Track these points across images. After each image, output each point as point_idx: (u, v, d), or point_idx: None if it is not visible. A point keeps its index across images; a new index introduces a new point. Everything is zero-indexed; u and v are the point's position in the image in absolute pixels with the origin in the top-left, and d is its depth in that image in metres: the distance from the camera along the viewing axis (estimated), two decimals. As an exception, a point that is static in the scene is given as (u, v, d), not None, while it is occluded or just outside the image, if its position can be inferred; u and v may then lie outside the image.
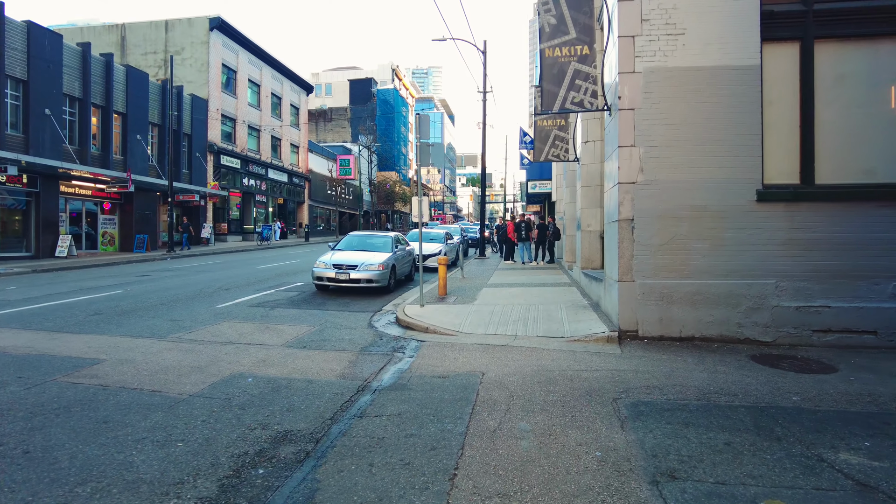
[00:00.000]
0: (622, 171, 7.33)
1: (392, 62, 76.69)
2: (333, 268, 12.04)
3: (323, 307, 10.63)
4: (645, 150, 7.28)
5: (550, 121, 12.44)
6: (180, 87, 31.74)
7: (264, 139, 41.36)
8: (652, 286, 7.26)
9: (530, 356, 6.67)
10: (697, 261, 7.19)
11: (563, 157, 12.50)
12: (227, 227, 36.87)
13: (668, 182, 7.25)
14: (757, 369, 6.02)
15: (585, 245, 12.02)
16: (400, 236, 14.80)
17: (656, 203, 7.26)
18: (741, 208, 7.11)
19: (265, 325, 8.81)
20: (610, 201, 8.01)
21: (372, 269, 11.96)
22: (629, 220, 7.33)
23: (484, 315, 9.01)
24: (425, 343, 7.53)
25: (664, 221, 7.25)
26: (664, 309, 7.24)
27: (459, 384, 5.62)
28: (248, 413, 4.88)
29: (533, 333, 7.71)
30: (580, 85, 7.96)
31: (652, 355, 6.61)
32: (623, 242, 7.34)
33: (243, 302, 11.08)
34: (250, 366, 6.42)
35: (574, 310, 9.31)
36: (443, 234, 19.82)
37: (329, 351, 7.20)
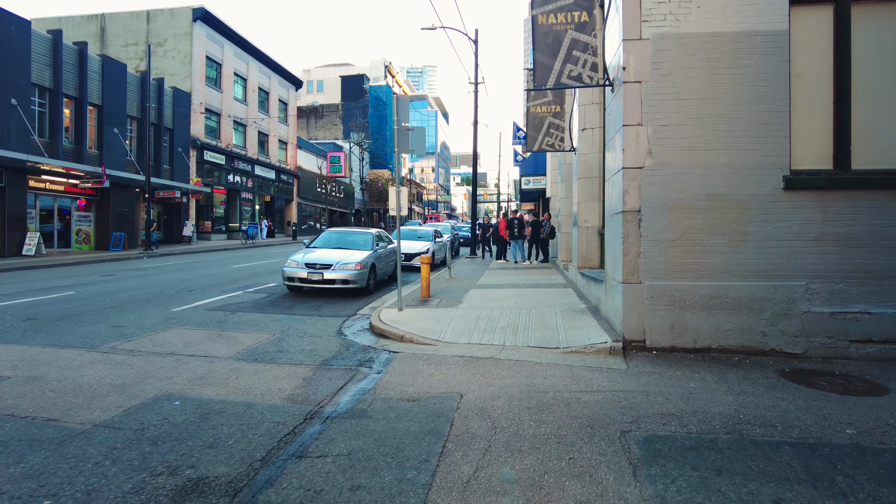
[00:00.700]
0: (627, 154, 6.29)
1: (385, 59, 75.54)
2: (305, 267, 10.96)
3: (290, 311, 9.55)
4: (654, 129, 6.25)
5: (544, 107, 11.41)
6: (161, 79, 30.51)
7: (251, 135, 40.14)
8: (662, 288, 6.23)
9: (519, 372, 5.62)
10: (715, 259, 6.16)
11: (558, 147, 11.48)
12: (210, 224, 35.63)
13: (680, 167, 6.22)
14: (791, 389, 4.99)
15: (583, 242, 10.99)
16: (382, 233, 13.72)
17: (667, 191, 6.23)
18: (766, 197, 6.08)
19: (219, 333, 7.73)
20: (613, 190, 6.97)
21: (348, 268, 10.88)
22: (635, 212, 6.29)
23: (469, 321, 7.96)
24: (398, 355, 6.47)
25: (676, 213, 6.22)
26: (676, 315, 6.21)
27: (431, 410, 4.57)
28: (160, 451, 3.82)
29: (523, 343, 6.67)
30: (578, 56, 6.92)
31: (663, 371, 5.58)
32: (628, 238, 6.30)
33: (203, 305, 9.98)
34: (184, 384, 5.34)
35: (571, 314, 8.27)
36: (431, 232, 18.76)
37: (283, 365, 6.13)
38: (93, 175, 23.79)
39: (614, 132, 6.86)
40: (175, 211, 32.37)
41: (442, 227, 24.62)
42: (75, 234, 25.23)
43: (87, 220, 25.96)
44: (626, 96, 6.30)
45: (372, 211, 64.31)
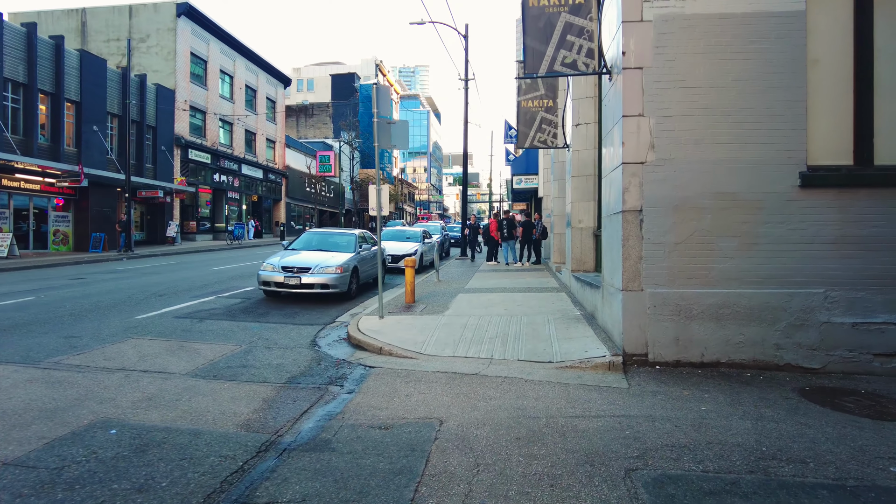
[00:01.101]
0: (627, 147, 5.69)
1: (376, 57, 74.75)
2: (282, 271, 10.29)
3: (263, 319, 8.88)
4: (657, 121, 5.66)
5: (536, 101, 10.81)
6: (143, 75, 29.69)
7: (237, 133, 39.30)
8: (666, 297, 5.63)
9: (508, 391, 5.00)
10: (724, 264, 5.58)
11: (550, 143, 10.89)
12: (195, 225, 34.78)
13: (686, 162, 5.63)
14: (816, 413, 4.40)
15: (577, 244, 10.40)
16: (367, 234, 13.07)
17: (671, 189, 5.64)
18: (780, 196, 5.51)
19: (180, 344, 7.06)
20: (610, 188, 6.37)
21: (328, 271, 10.22)
22: (636, 212, 5.69)
23: (455, 330, 7.34)
24: (374, 371, 5.83)
25: (682, 213, 5.63)
26: (682, 326, 5.61)
27: (405, 441, 3.94)
28: (74, 498, 3.17)
29: (513, 356, 6.05)
30: (573, 42, 6.31)
31: (669, 390, 4.98)
32: (629, 240, 5.70)
33: (171, 312, 9.29)
34: (127, 408, 4.68)
35: (565, 323, 7.67)
36: (419, 233, 18.10)
37: (244, 383, 5.48)
38: (70, 174, 22.97)
39: (612, 124, 6.26)
40: (158, 211, 31.50)
41: (431, 228, 24.00)
42: (52, 235, 24.36)
43: (65, 221, 25.09)
44: (626, 84, 5.70)
45: (363, 211, 63.52)
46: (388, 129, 8.02)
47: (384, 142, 8.00)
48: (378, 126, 7.91)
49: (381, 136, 7.98)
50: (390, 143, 8.01)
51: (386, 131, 8.00)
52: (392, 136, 8.03)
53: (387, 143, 8.00)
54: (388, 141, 8.02)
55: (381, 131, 7.97)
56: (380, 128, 7.95)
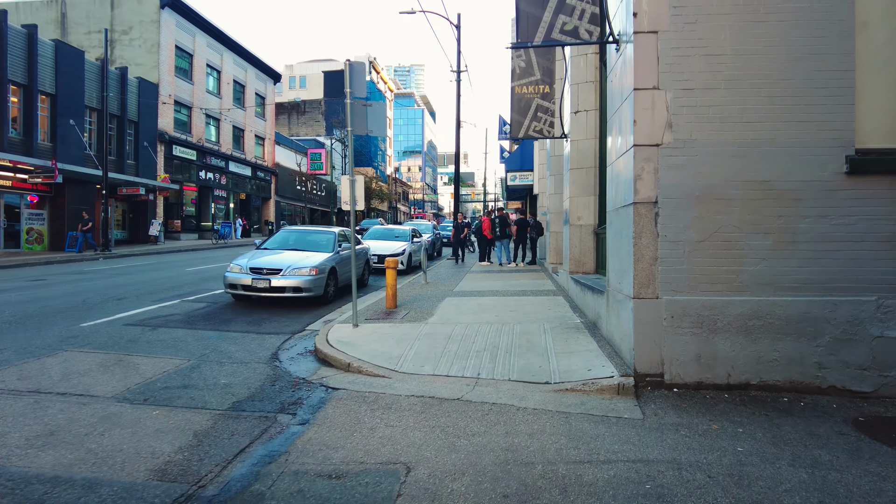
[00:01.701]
0: (640, 127, 4.76)
1: (369, 54, 73.70)
2: (250, 272, 9.30)
3: (224, 326, 7.91)
4: (674, 95, 4.73)
5: (531, 87, 9.89)
6: (124, 68, 28.59)
7: (225, 129, 38.21)
8: (686, 306, 4.71)
9: (496, 424, 4.06)
10: (755, 266, 4.66)
11: (547, 133, 9.97)
12: (180, 223, 33.67)
13: (709, 144, 4.71)
14: (886, 457, 3.48)
15: (575, 243, 9.48)
16: (349, 232, 12.10)
17: (692, 177, 4.71)
18: (823, 185, 4.60)
19: (119, 358, 6.08)
20: (619, 177, 5.43)
21: (301, 273, 9.25)
22: (650, 203, 4.76)
23: (438, 341, 6.40)
24: (337, 394, 4.88)
25: (705, 205, 4.70)
26: (704, 341, 4.69)
27: (358, 499, 3.00)
28: None
29: (503, 375, 5.11)
30: (573, 5, 5.38)
31: (694, 422, 4.05)
32: (641, 238, 4.77)
33: (125, 318, 8.30)
34: (16, 447, 3.73)
35: (563, 332, 6.74)
36: (408, 231, 17.15)
37: (179, 409, 4.52)
38: (44, 169, 21.85)
39: (620, 101, 5.33)
40: (141, 209, 30.39)
41: (422, 226, 23.06)
42: (25, 234, 23.25)
43: (39, 219, 23.98)
44: (639, 52, 4.78)
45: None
46: (364, 111, 7.07)
47: (359, 126, 7.05)
48: (351, 108, 6.96)
49: (356, 120, 7.04)
50: (366, 128, 7.06)
51: (361, 114, 7.05)
52: (368, 119, 7.08)
53: (362, 127, 7.06)
54: (364, 125, 7.07)
55: (356, 114, 7.02)
56: (353, 110, 7.00)
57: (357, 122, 7.03)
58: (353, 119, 7.00)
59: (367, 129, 7.05)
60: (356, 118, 7.03)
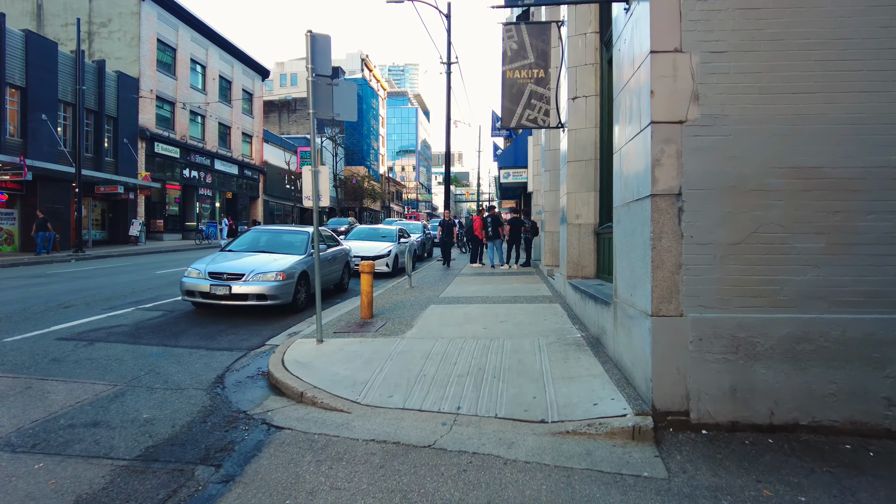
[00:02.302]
0: (659, 99, 3.78)
1: (361, 51, 72.67)
2: (209, 277, 8.28)
3: (173, 340, 6.89)
4: (701, 59, 3.76)
5: (524, 71, 8.91)
6: (101, 61, 27.43)
7: (210, 126, 37.05)
8: (717, 325, 3.74)
9: (476, 487, 3.07)
10: (804, 275, 3.70)
11: (541, 122, 9.01)
12: (163, 223, 32.52)
13: (746, 121, 3.74)
14: None
15: (573, 244, 8.51)
16: (325, 232, 11.09)
17: (724, 162, 3.75)
18: (891, 172, 3.64)
19: (28, 384, 5.06)
20: (630, 164, 4.45)
21: (266, 278, 8.23)
22: (672, 196, 3.79)
23: (413, 361, 5.41)
24: (279, 436, 3.88)
25: (740, 198, 3.74)
26: (740, 370, 3.72)
27: None
28: None
29: (489, 410, 4.13)
30: (574, -45, 4.39)
31: (736, 484, 3.07)
32: (661, 239, 3.80)
33: (61, 330, 7.26)
34: None
35: (561, 350, 5.76)
36: (394, 231, 16.13)
37: (72, 459, 3.51)
38: (13, 166, 20.69)
39: (632, 71, 4.35)
40: (121, 208, 29.23)
41: (411, 226, 22.05)
42: (-6, 234, 22.12)
43: (9, 218, 22.83)
44: (656, 5, 3.80)
45: (347, 209, 61.41)
46: (329, 91, 6.07)
47: (323, 108, 6.05)
48: (314, 87, 5.95)
49: (320, 101, 6.03)
50: (332, 110, 6.06)
51: (325, 95, 6.04)
52: (334, 101, 6.08)
53: (327, 109, 6.05)
54: (330, 107, 6.06)
55: (319, 94, 6.02)
56: (316, 89, 5.99)
57: (321, 104, 6.02)
58: (316, 100, 5.99)
59: (332, 111, 6.04)
60: (320, 99, 6.02)
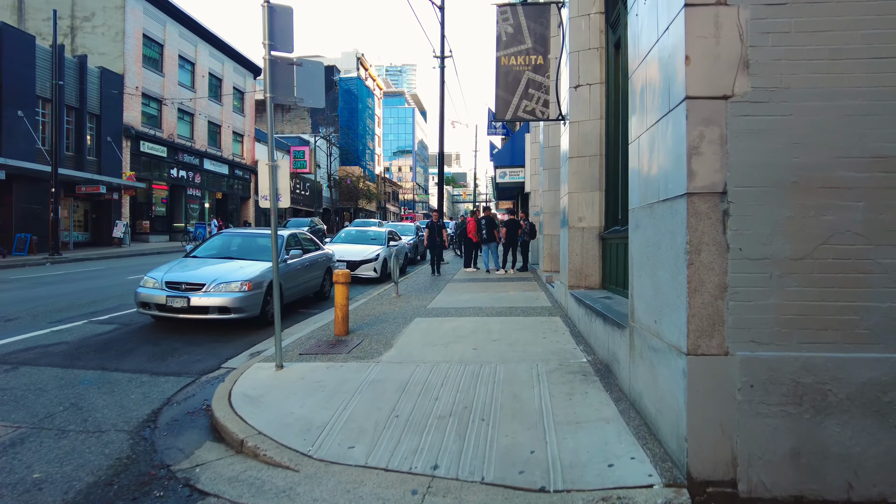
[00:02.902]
0: (696, 67, 2.87)
1: (357, 50, 71.65)
2: (166, 287, 7.34)
3: (116, 362, 5.94)
4: (753, 13, 2.85)
5: (520, 57, 8.00)
6: (83, 56, 26.46)
7: (199, 125, 36.03)
8: (775, 367, 2.82)
9: None
10: (893, 301, 2.78)
11: (540, 114, 8.10)
12: (149, 225, 31.51)
13: (814, 96, 2.83)
14: None
15: (576, 250, 7.59)
16: (302, 235, 10.14)
17: (785, 150, 2.83)
18: None
19: None
20: (653, 154, 3.52)
21: (230, 289, 7.29)
22: (715, 196, 2.87)
23: (386, 396, 4.48)
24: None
25: (805, 197, 2.82)
26: (807, 427, 2.81)
27: None
28: None
29: (473, 472, 3.20)
30: None
31: None
32: (700, 252, 2.88)
33: (-13, 351, 6.33)
34: None
35: (565, 381, 4.84)
36: (384, 234, 15.19)
37: None
38: (-15, 165, 19.78)
39: (656, 35, 3.42)
40: (105, 209, 28.25)
41: (403, 228, 21.12)
42: (-33, 236, 21.11)
43: (-17, 219, 21.85)
44: (692, -55, 2.89)
45: (342, 210, 60.49)
46: (291, 72, 5.14)
47: (283, 90, 5.13)
48: (271, 67, 5.02)
49: (279, 84, 5.11)
50: (293, 94, 5.13)
51: (286, 76, 5.12)
52: (297, 84, 5.15)
53: (288, 93, 5.13)
54: (291, 91, 5.14)
55: (279, 75, 5.09)
56: (275, 69, 5.06)
57: (281, 87, 5.10)
58: (275, 82, 5.07)
59: (293, 95, 5.11)
60: (279, 81, 5.09)
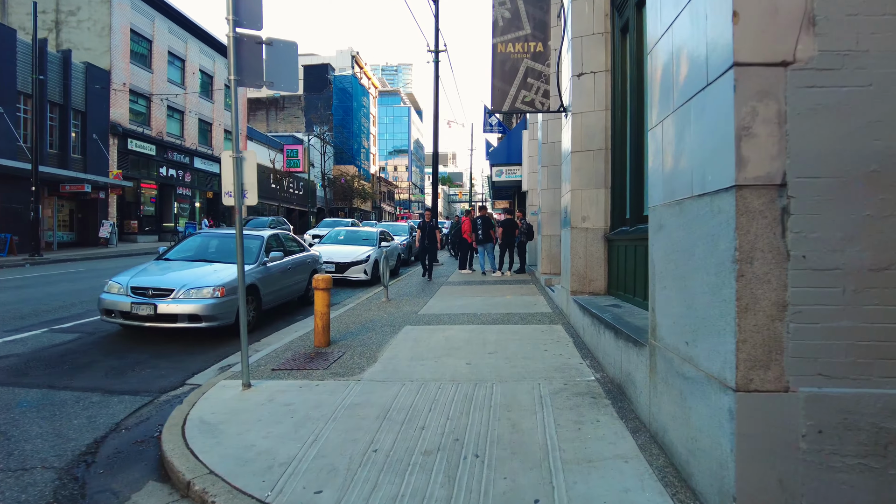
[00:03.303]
0: (746, 26, 2.26)
1: (352, 48, 70.97)
2: (131, 293, 6.69)
3: (66, 379, 5.29)
4: (821, -43, 2.24)
5: (518, 44, 7.38)
6: (67, 51, 25.70)
7: (190, 123, 35.29)
8: (850, 408, 2.21)
9: None
10: None
11: (540, 105, 7.48)
12: (137, 224, 30.75)
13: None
14: None
15: (579, 253, 6.99)
16: (284, 235, 9.49)
17: (862, 132, 2.22)
18: None
19: None
20: (684, 140, 2.90)
21: (201, 295, 6.65)
22: (771, 189, 2.26)
23: (364, 424, 3.86)
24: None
25: (888, 191, 2.22)
26: (893, 485, 2.20)
27: None
28: None
29: (464, 527, 2.59)
30: None
31: None
32: (752, 261, 2.27)
33: (-75, 365, 5.66)
34: None
35: (573, 406, 4.23)
36: (375, 234, 14.55)
37: None
38: (-39, 163, 19.06)
39: None
40: (90, 208, 27.48)
41: (396, 228, 20.49)
42: (-57, 236, 20.37)
43: (-39, 219, 21.10)
44: None
45: (336, 209, 59.75)
46: (260, 53, 4.52)
47: (251, 75, 4.50)
48: (236, 45, 4.39)
49: (245, 66, 4.48)
50: (262, 79, 4.51)
51: (254, 57, 4.49)
52: (266, 66, 4.53)
53: (256, 76, 4.50)
54: (260, 74, 4.52)
55: (246, 56, 4.47)
56: (242, 49, 4.44)
57: (247, 69, 4.47)
58: (240, 63, 4.44)
59: (262, 78, 4.48)
60: (245, 62, 4.46)
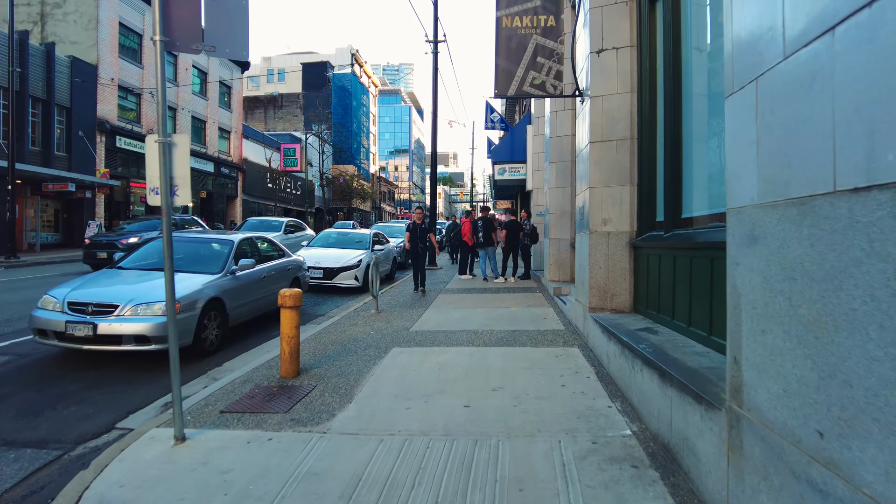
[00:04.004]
0: None
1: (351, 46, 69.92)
2: (68, 310, 5.62)
3: (-44, 426, 4.25)
4: None
5: (527, 18, 6.32)
6: (50, 43, 24.68)
7: (182, 120, 34.21)
8: None
9: None
10: None
11: (552, 89, 6.42)
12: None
13: None
14: None
15: (599, 262, 5.92)
16: (258, 238, 8.41)
17: None
18: None
19: None
20: (810, 99, 1.83)
21: (152, 311, 5.57)
22: None
23: (325, 501, 2.79)
24: None
25: None
26: None
27: None
28: None
29: None
30: None
31: None
32: None
33: None
34: None
35: (609, 484, 3.16)
36: (368, 237, 13.47)
37: None
38: (-66, 160, 18.03)
39: None
40: (76, 208, 26.46)
41: (392, 229, 19.41)
42: (-84, 237, 19.33)
43: (-64, 219, 20.05)
44: None
45: (335, 209, 58.69)
46: (195, 6, 3.47)
47: (184, 34, 3.47)
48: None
49: (178, 21, 3.41)
50: (200, 40, 3.46)
51: (189, 11, 3.45)
52: (205, 24, 3.48)
53: (192, 36, 3.47)
54: (197, 33, 3.48)
55: (178, 8, 3.41)
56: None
57: (179, 26, 3.41)
58: (169, 18, 3.38)
59: (201, 40, 3.43)
60: (178, 16, 3.41)
